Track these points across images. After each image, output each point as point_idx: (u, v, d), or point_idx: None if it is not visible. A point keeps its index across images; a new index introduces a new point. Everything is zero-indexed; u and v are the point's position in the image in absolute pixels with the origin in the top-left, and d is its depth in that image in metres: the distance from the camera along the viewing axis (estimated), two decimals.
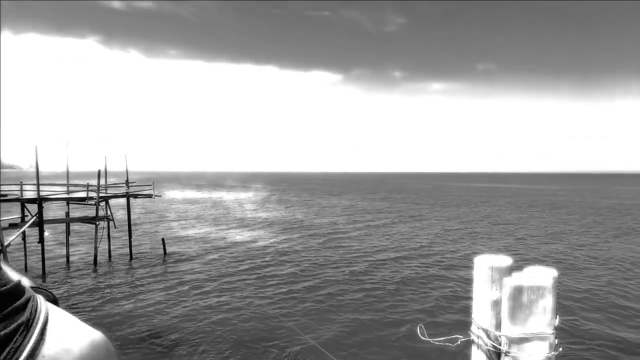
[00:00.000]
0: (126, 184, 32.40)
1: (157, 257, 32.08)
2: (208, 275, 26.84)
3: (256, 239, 40.33)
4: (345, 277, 25.96)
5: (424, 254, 32.92)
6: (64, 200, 29.51)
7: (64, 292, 23.18)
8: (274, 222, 52.97)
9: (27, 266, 27.28)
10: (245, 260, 31.12)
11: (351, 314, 19.67)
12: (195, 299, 21.95)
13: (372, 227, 48.71)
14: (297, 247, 35.77)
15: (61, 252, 30.90)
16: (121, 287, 24.44)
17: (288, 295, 22.31)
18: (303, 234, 42.96)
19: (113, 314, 19.57)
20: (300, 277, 26.06)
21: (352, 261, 30.27)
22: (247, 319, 18.85)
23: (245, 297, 21.97)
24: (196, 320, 18.69)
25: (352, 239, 40.11)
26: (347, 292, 22.78)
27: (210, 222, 53.65)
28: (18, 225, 25.02)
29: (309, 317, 19.29)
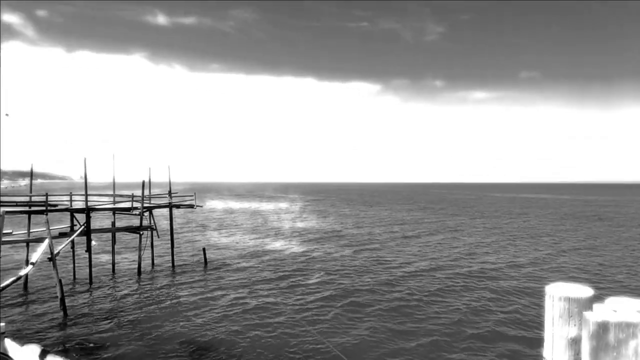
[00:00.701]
0: (169, 195, 33.10)
1: (198, 265, 32.55)
2: (246, 283, 27.05)
3: (292, 248, 40.29)
4: (380, 287, 25.41)
5: (461, 266, 31.87)
6: (110, 210, 30.44)
7: (109, 298, 23.82)
8: (310, 232, 52.82)
9: (75, 274, 28.20)
10: (281, 269, 31.26)
11: (380, 324, 19.13)
12: (233, 307, 22.06)
13: (409, 237, 47.74)
14: (333, 257, 35.46)
15: (107, 261, 31.81)
16: (163, 294, 24.90)
17: (324, 304, 21.99)
18: (339, 244, 42.58)
19: (155, 321, 19.84)
20: (334, 286, 25.70)
21: (387, 272, 29.64)
22: (280, 327, 18.70)
23: (280, 305, 21.83)
24: (232, 327, 18.67)
25: (389, 249, 39.38)
26: (379, 302, 22.21)
27: (249, 231, 54.11)
28: (67, 234, 25.92)
29: (338, 326, 18.90)
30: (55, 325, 19.19)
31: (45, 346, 15.21)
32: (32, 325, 19.08)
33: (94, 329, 18.91)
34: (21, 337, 16.75)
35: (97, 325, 19.41)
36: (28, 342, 14.79)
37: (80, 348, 16.70)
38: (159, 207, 33.68)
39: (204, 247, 35.39)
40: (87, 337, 17.87)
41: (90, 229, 26.56)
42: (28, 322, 19.59)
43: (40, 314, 20.81)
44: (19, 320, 19.82)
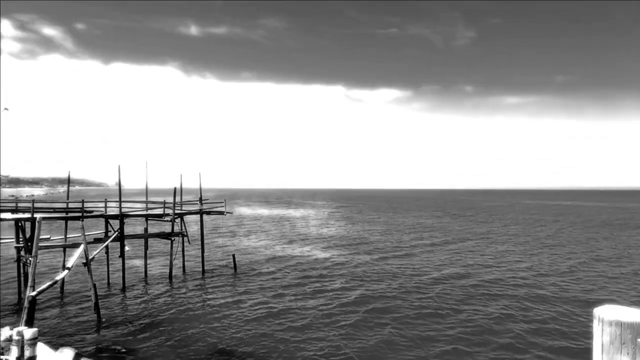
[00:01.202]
0: (200, 202, 33.56)
1: (227, 271, 32.85)
2: (273, 288, 27.18)
3: (319, 254, 40.17)
4: (406, 294, 24.91)
5: (491, 273, 30.98)
6: (143, 216, 31.09)
7: (142, 303, 24.23)
8: (336, 239, 52.59)
9: (109, 279, 28.85)
10: (307, 275, 31.31)
11: (404, 331, 18.68)
12: (260, 311, 22.17)
13: (438, 244, 46.83)
14: (358, 263, 35.14)
15: (140, 266, 32.45)
16: (194, 299, 25.19)
17: (348, 310, 21.72)
18: (365, 251, 42.19)
19: (186, 325, 20.04)
20: (358, 292, 25.36)
21: (414, 279, 29.09)
22: (304, 331, 18.54)
23: (305, 310, 21.69)
24: (258, 331, 18.66)
25: (416, 256, 38.71)
26: (404, 308, 21.75)
27: (277, 237, 54.31)
28: (102, 240, 26.56)
29: (361, 332, 18.60)
30: (89, 329, 19.61)
31: (79, 350, 15.56)
32: (67, 329, 19.55)
33: (127, 334, 19.24)
34: (56, 340, 17.19)
35: (130, 330, 19.75)
36: (63, 346, 15.16)
37: (113, 352, 16.99)
38: (190, 213, 34.20)
39: (233, 254, 35.71)
40: (120, 342, 18.18)
41: (124, 234, 27.15)
42: (63, 325, 20.10)
43: (75, 317, 21.34)
44: (54, 324, 20.36)
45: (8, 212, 25.02)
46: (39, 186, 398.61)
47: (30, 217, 22.98)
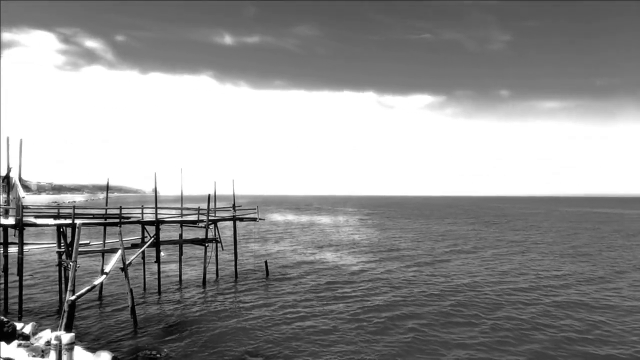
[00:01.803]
0: (233, 208, 33.95)
1: (260, 277, 33.06)
2: (303, 295, 27.16)
3: (349, 261, 39.90)
4: (435, 302, 24.34)
5: (525, 281, 29.99)
6: (178, 222, 31.70)
7: (176, 308, 24.63)
8: (367, 246, 52.14)
9: (145, 284, 29.47)
10: (337, 282, 31.15)
11: (434, 338, 18.20)
12: (290, 317, 22.20)
13: (471, 252, 45.71)
14: (388, 270, 34.69)
15: (175, 271, 33.03)
16: (227, 305, 25.41)
17: (375, 317, 21.41)
18: (396, 258, 41.62)
19: (219, 330, 20.20)
20: (387, 299, 24.97)
21: (444, 286, 28.45)
22: (334, 338, 18.36)
23: (336, 318, 21.51)
24: (290, 337, 18.59)
25: (448, 264, 37.86)
26: (433, 316, 21.23)
27: (308, 244, 54.33)
28: (138, 246, 27.20)
29: (388, 338, 18.23)
30: (125, 334, 20.02)
31: (116, 354, 15.88)
32: (104, 333, 20.03)
33: (162, 338, 19.54)
34: (94, 344, 17.61)
35: (165, 334, 20.06)
36: (100, 350, 15.52)
37: (149, 357, 17.25)
38: (223, 220, 34.65)
39: (265, 260, 35.93)
40: (156, 346, 18.46)
41: (160, 240, 27.71)
42: (101, 329, 20.60)
43: (112, 322, 21.85)
44: (92, 327, 20.90)
45: (51, 218, 25.97)
46: (80, 193, 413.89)
47: (71, 222, 23.77)
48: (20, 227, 22.72)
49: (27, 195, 25.13)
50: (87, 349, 14.34)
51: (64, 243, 24.34)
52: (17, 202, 23.16)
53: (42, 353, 10.47)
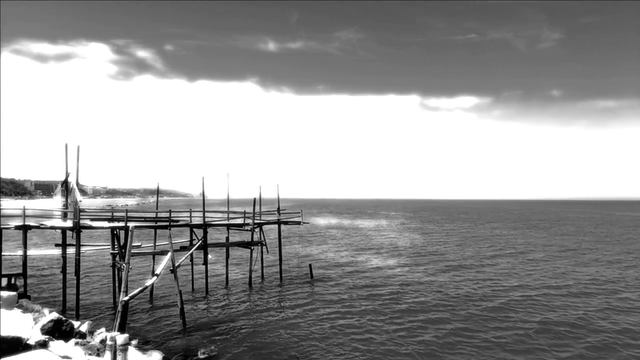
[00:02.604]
0: (278, 212, 34.25)
1: (304, 279, 33.16)
2: (347, 299, 26.90)
3: (392, 265, 39.28)
4: (484, 313, 23.44)
5: (576, 293, 28.40)
6: (224, 226, 32.33)
7: (223, 308, 25.07)
8: (411, 250, 51.18)
9: (194, 285, 30.19)
10: (380, 286, 30.76)
11: (482, 351, 17.48)
12: (334, 320, 21.98)
13: (519, 259, 43.90)
14: (433, 275, 33.80)
15: (221, 273, 33.66)
16: (272, 306, 25.64)
17: (419, 324, 20.87)
18: (441, 264, 40.58)
19: (264, 331, 20.37)
20: (430, 306, 24.33)
21: (491, 296, 27.38)
22: (378, 344, 18.04)
23: (377, 321, 21.17)
24: (334, 342, 18.44)
25: (494, 272, 36.51)
26: (480, 328, 20.41)
27: (352, 247, 54.03)
28: (187, 248, 27.90)
29: (433, 347, 17.69)
30: (175, 334, 20.54)
31: (166, 354, 16.27)
32: (155, 333, 20.61)
33: (210, 338, 19.90)
34: (145, 344, 18.14)
35: (213, 334, 20.43)
36: (151, 350, 15.96)
37: (197, 356, 17.59)
38: (268, 223, 35.04)
39: (310, 263, 36.00)
40: (204, 346, 18.81)
41: (207, 243, 28.32)
42: (151, 329, 21.23)
43: (162, 322, 22.48)
44: (143, 327, 21.56)
45: (105, 221, 27.08)
46: (132, 197, 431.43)
47: (124, 225, 24.69)
48: (78, 230, 23.80)
49: (84, 199, 26.31)
50: (139, 348, 14.78)
51: (117, 245, 25.31)
52: (74, 206, 24.28)
53: (98, 352, 10.86)
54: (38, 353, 7.29)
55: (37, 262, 37.41)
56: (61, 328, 11.94)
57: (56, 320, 11.85)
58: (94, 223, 26.14)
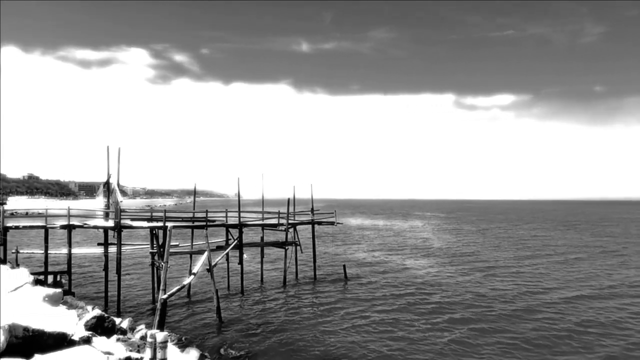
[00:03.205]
0: (311, 212, 34.35)
1: (338, 280, 33.09)
2: (381, 300, 26.59)
3: (427, 266, 38.64)
4: (516, 314, 22.65)
5: (614, 296, 27.04)
6: (259, 226, 32.69)
7: (258, 307, 25.36)
8: (447, 251, 50.22)
9: (229, 284, 30.64)
10: (414, 287, 30.36)
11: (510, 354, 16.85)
12: (368, 322, 21.74)
13: (556, 261, 42.31)
14: (466, 278, 33.01)
15: (256, 272, 34.04)
16: (306, 305, 25.75)
17: (455, 328, 20.40)
18: (475, 265, 39.63)
19: (299, 330, 20.43)
20: (463, 308, 23.69)
21: (526, 298, 26.46)
22: (412, 345, 17.73)
23: (410, 323, 20.82)
24: (367, 342, 18.28)
25: (530, 273, 35.33)
26: (512, 330, 19.73)
27: (385, 248, 53.56)
28: (223, 248, 28.36)
29: (464, 351, 17.21)
30: (211, 332, 20.89)
31: (202, 351, 16.55)
32: (192, 331, 21.02)
33: (245, 336, 20.16)
34: (183, 341, 18.51)
35: (248, 332, 20.68)
36: (189, 347, 16.27)
37: (234, 354, 17.84)
38: (302, 223, 35.20)
39: (344, 264, 35.89)
40: (239, 343, 19.09)
41: (243, 243, 28.69)
42: (188, 327, 21.67)
43: (199, 319, 22.91)
44: (181, 325, 22.04)
45: (144, 221, 27.85)
46: (169, 197, 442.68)
47: (162, 225, 25.32)
48: (119, 229, 24.58)
49: (124, 200, 27.16)
50: (177, 345, 15.09)
51: (156, 244, 25.99)
52: (116, 206, 25.09)
53: (138, 348, 11.14)
54: (82, 349, 7.53)
55: (81, 260, 38.85)
56: (103, 324, 12.31)
57: (99, 317, 12.24)
58: (134, 223, 26.93)
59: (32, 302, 10.81)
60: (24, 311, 9.64)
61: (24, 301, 10.72)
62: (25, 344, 7.21)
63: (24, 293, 11.48)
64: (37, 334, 7.49)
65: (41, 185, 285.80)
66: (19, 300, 10.69)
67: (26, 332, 7.33)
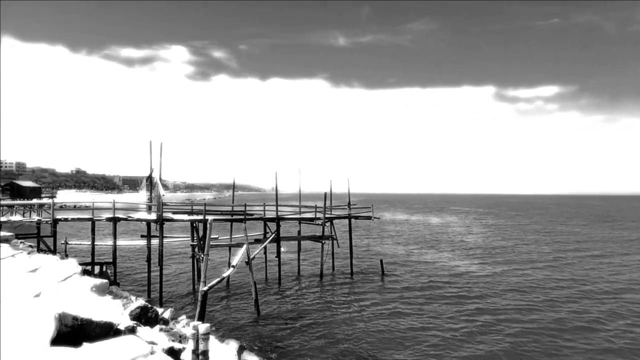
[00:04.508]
0: (348, 206, 34.21)
1: (375, 275, 32.83)
2: (418, 297, 26.05)
3: (466, 263, 37.69)
4: (565, 316, 21.75)
5: None
6: (296, 220, 32.85)
7: (295, 300, 25.54)
8: (486, 248, 48.92)
9: (267, 276, 30.98)
10: (452, 284, 29.75)
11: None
12: (406, 318, 21.37)
13: (600, 259, 40.42)
14: (507, 274, 31.95)
15: (294, 265, 34.24)
16: (342, 299, 25.71)
17: (496, 330, 19.78)
18: (515, 262, 38.37)
19: (334, 323, 20.39)
20: (504, 307, 22.95)
21: (561, 293, 25.38)
22: (452, 345, 17.33)
23: (448, 321, 20.37)
24: (402, 337, 18.03)
25: (570, 270, 33.86)
26: (559, 335, 18.93)
27: (423, 243, 52.79)
28: (261, 241, 28.66)
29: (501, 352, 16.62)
30: (249, 323, 21.18)
31: (241, 342, 16.77)
32: (231, 322, 21.38)
33: (282, 328, 20.33)
34: (222, 333, 18.85)
35: (285, 325, 20.84)
36: (228, 339, 16.52)
37: (271, 346, 18.03)
38: (339, 218, 35.13)
39: (381, 259, 35.60)
40: (276, 335, 19.27)
41: (280, 236, 28.91)
42: (228, 318, 22.04)
43: (238, 311, 23.28)
44: (220, 316, 22.44)
45: (185, 214, 28.48)
46: (208, 191, 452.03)
47: (202, 219, 25.81)
48: (161, 222, 25.23)
49: (166, 193, 27.86)
50: (217, 337, 15.35)
51: (197, 237, 26.53)
52: (158, 200, 25.75)
53: (180, 338, 11.37)
54: (128, 338, 7.73)
55: (124, 251, 40.22)
56: (147, 314, 12.62)
57: (142, 307, 12.55)
58: (175, 216, 27.60)
59: (80, 292, 11.22)
60: (73, 300, 10.01)
61: (73, 291, 11.14)
62: (74, 333, 7.47)
63: (72, 283, 11.94)
64: (86, 323, 7.73)
65: (88, 179, 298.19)
66: (68, 290, 11.12)
67: (75, 321, 7.59)
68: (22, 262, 14.31)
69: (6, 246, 17.55)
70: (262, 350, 17.47)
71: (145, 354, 7.15)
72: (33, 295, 10.35)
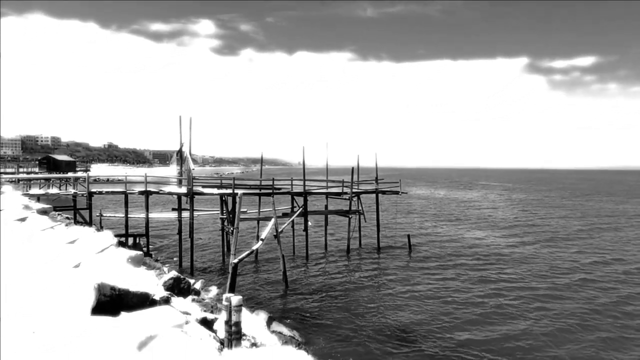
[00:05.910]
0: (375, 181, 34.05)
1: (402, 250, 32.83)
2: (445, 273, 25.88)
3: (496, 241, 37.16)
4: (596, 294, 21.32)
5: None
6: (323, 194, 32.95)
7: (322, 273, 25.89)
8: (516, 224, 48.09)
9: (295, 250, 31.39)
10: (481, 260, 29.53)
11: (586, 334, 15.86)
12: (429, 294, 21.35)
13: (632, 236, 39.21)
14: (539, 253, 31.40)
15: (321, 239, 34.56)
16: (369, 274, 25.97)
17: (524, 306, 19.59)
18: (545, 238, 37.69)
19: (360, 297, 20.62)
20: (535, 285, 22.65)
21: (599, 273, 24.80)
22: (482, 322, 17.30)
23: (476, 298, 20.26)
24: (429, 313, 18.08)
25: (601, 248, 33.00)
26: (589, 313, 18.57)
27: (451, 218, 52.35)
28: (288, 215, 28.96)
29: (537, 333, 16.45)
30: (278, 295, 21.62)
31: (271, 313, 17.18)
32: (260, 294, 21.87)
33: (309, 301, 20.70)
34: (252, 304, 19.31)
35: (312, 298, 21.21)
36: (258, 310, 16.94)
37: (299, 317, 18.42)
38: (366, 192, 35.06)
39: (408, 234, 35.48)
40: (304, 307, 19.65)
41: (307, 210, 29.12)
42: (257, 290, 22.55)
43: (266, 283, 23.77)
44: (249, 288, 22.97)
45: (215, 188, 28.93)
46: (236, 165, 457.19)
47: (231, 192, 26.18)
48: (191, 196, 25.75)
49: (195, 168, 28.31)
50: (247, 307, 15.75)
51: (226, 210, 26.97)
52: (188, 174, 26.20)
53: (212, 309, 11.72)
54: (163, 308, 8.00)
55: (156, 224, 41.32)
56: (180, 285, 13.03)
57: (175, 278, 12.95)
58: (205, 190, 28.08)
59: (117, 263, 11.63)
60: (110, 271, 10.39)
61: (110, 262, 11.56)
62: (112, 302, 7.77)
63: (109, 254, 12.37)
64: (123, 293, 8.03)
65: (119, 153, 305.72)
66: (105, 261, 11.54)
67: (113, 291, 7.88)
68: (61, 233, 14.88)
69: (45, 218, 18.26)
70: (290, 321, 17.86)
71: (181, 324, 7.39)
72: (73, 265, 10.78)
